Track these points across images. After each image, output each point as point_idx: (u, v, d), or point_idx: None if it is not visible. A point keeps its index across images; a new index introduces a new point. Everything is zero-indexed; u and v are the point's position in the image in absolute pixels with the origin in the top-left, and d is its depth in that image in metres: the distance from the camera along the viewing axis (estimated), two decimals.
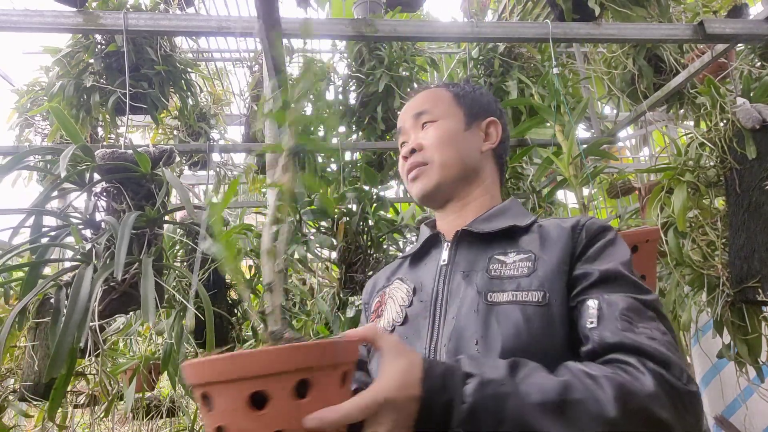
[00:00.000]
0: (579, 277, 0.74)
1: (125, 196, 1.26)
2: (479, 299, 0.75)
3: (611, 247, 0.77)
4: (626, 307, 0.67)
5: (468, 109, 0.93)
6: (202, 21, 1.44)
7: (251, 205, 2.95)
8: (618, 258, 0.75)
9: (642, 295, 0.69)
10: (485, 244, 0.83)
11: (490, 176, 0.94)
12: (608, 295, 0.69)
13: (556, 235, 0.80)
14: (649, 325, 0.66)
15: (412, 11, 2.36)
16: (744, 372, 1.45)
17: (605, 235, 0.79)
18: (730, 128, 1.39)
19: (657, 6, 1.83)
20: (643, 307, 0.68)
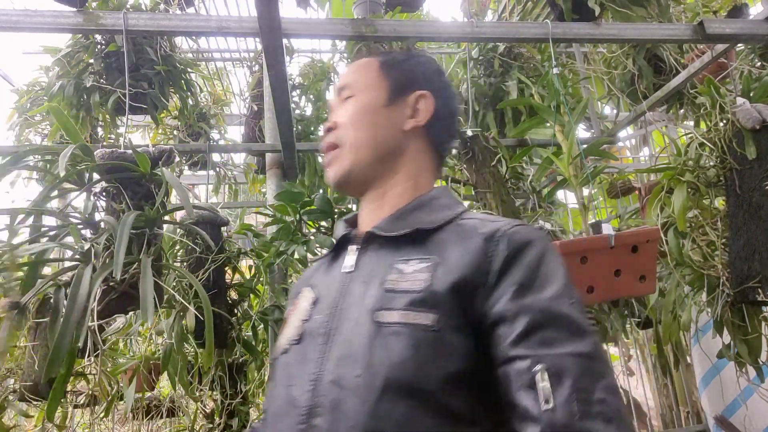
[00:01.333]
0: (503, 315, 0.59)
1: (125, 196, 1.26)
2: (369, 318, 0.63)
3: (543, 266, 0.62)
4: (578, 375, 0.54)
5: (394, 81, 0.80)
6: (202, 21, 1.43)
7: (251, 205, 2.96)
8: (554, 283, 0.61)
9: (586, 343, 0.57)
10: (394, 246, 0.70)
11: (416, 160, 0.79)
12: (556, 359, 0.54)
13: (468, 244, 0.65)
14: (600, 394, 0.53)
15: (412, 11, 2.36)
16: (744, 372, 1.45)
17: (532, 250, 0.63)
18: (730, 128, 1.39)
19: (657, 6, 1.83)
20: (592, 363, 0.55)
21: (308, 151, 2.33)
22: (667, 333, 1.55)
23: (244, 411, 2.13)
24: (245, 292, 1.78)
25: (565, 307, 0.59)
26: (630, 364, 4.65)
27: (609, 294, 1.22)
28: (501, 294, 0.60)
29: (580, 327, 0.58)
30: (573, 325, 0.58)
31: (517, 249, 0.63)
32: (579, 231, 2.18)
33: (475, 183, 1.43)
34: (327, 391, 0.61)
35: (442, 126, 0.82)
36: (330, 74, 2.55)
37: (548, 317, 0.57)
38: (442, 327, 0.60)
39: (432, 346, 0.59)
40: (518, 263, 0.62)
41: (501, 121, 2.33)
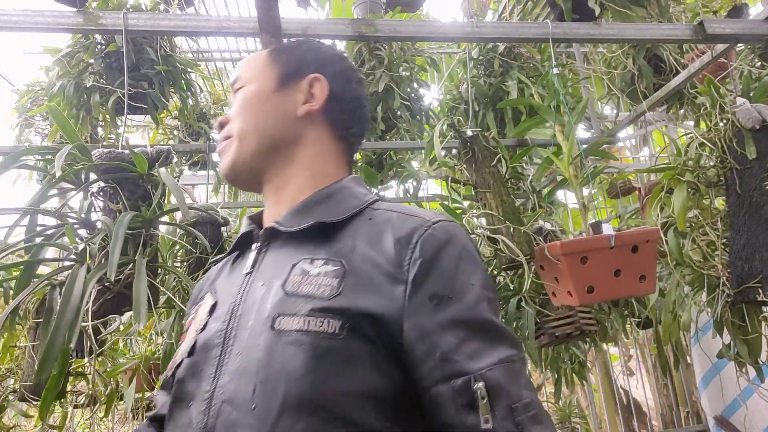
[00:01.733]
0: (424, 332, 0.55)
1: (122, 196, 1.25)
2: (267, 325, 0.56)
3: (460, 270, 0.58)
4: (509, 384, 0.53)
5: (284, 66, 0.74)
6: (202, 21, 1.43)
7: (251, 206, 2.95)
8: (473, 287, 0.57)
9: (507, 346, 0.55)
10: (297, 244, 0.64)
11: (315, 148, 0.72)
12: (488, 372, 0.52)
13: (379, 248, 0.59)
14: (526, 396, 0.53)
15: (412, 11, 2.36)
16: (744, 372, 1.45)
17: (449, 252, 0.59)
18: (730, 128, 1.39)
19: (657, 6, 1.83)
20: (514, 365, 0.55)
21: None
22: (667, 333, 1.55)
23: None
24: None
25: (486, 313, 0.57)
26: (630, 364, 4.65)
27: (609, 294, 1.23)
28: (419, 310, 0.55)
29: (501, 331, 0.57)
30: (495, 330, 0.56)
31: (432, 255, 0.58)
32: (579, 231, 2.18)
33: (475, 183, 1.43)
34: (220, 411, 0.54)
35: (343, 110, 0.75)
36: None
37: (473, 328, 0.55)
38: (349, 335, 0.54)
39: (337, 355, 0.53)
40: (435, 271, 0.57)
41: (501, 121, 2.33)
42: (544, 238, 1.43)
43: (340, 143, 0.75)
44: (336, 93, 0.74)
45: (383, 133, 2.36)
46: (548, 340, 1.66)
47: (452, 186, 1.62)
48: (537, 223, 1.50)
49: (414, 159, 2.59)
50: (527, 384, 0.55)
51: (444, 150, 1.73)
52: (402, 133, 2.36)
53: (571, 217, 3.01)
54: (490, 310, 0.57)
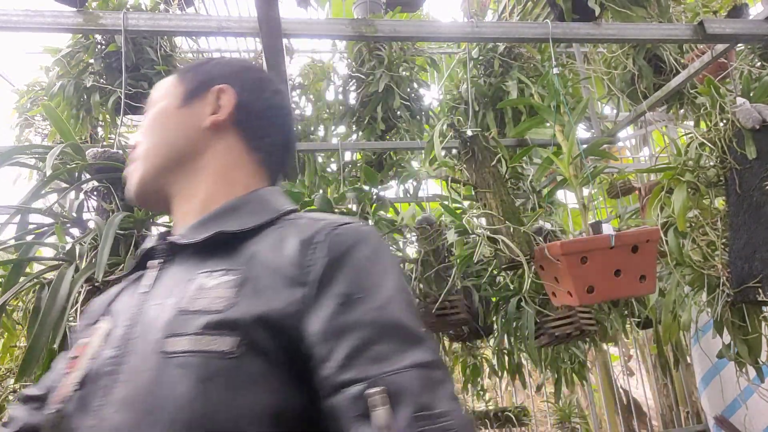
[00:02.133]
0: (326, 336, 0.50)
1: (115, 196, 1.25)
2: (156, 347, 0.51)
3: (371, 270, 0.55)
4: (418, 391, 0.47)
5: (189, 83, 0.72)
6: (202, 21, 1.43)
7: None
8: (384, 288, 0.53)
9: (423, 351, 0.50)
10: (200, 258, 0.60)
11: (225, 158, 0.69)
12: (393, 377, 0.47)
13: (282, 252, 0.56)
14: (442, 406, 0.48)
15: (412, 11, 2.36)
16: (744, 372, 1.45)
17: (359, 252, 0.55)
18: (730, 128, 1.39)
19: (657, 6, 1.83)
20: (431, 372, 0.49)
21: (308, 151, 2.33)
22: (667, 333, 1.55)
23: None
24: None
25: (397, 314, 0.52)
26: (630, 364, 4.65)
27: (609, 294, 1.23)
28: (322, 311, 0.51)
29: (414, 333, 0.52)
30: (407, 332, 0.51)
31: (340, 254, 0.54)
32: (579, 231, 2.18)
33: (475, 183, 1.43)
34: None
35: (255, 120, 0.72)
36: (330, 74, 2.56)
37: (380, 329, 0.50)
38: (244, 353, 0.49)
39: (229, 376, 0.48)
40: (342, 271, 0.53)
41: (501, 121, 2.33)
42: (544, 238, 1.43)
43: (254, 153, 0.72)
44: (246, 102, 0.72)
45: (383, 133, 2.36)
46: (548, 340, 1.66)
47: (452, 186, 1.62)
48: (537, 223, 1.50)
49: (414, 159, 2.59)
50: (447, 395, 0.49)
51: (444, 150, 1.73)
52: (402, 133, 2.37)
53: (571, 217, 3.01)
54: (405, 312, 0.53)
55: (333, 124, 2.47)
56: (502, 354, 2.11)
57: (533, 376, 4.45)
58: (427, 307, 1.65)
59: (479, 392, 2.72)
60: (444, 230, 1.74)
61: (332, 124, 2.47)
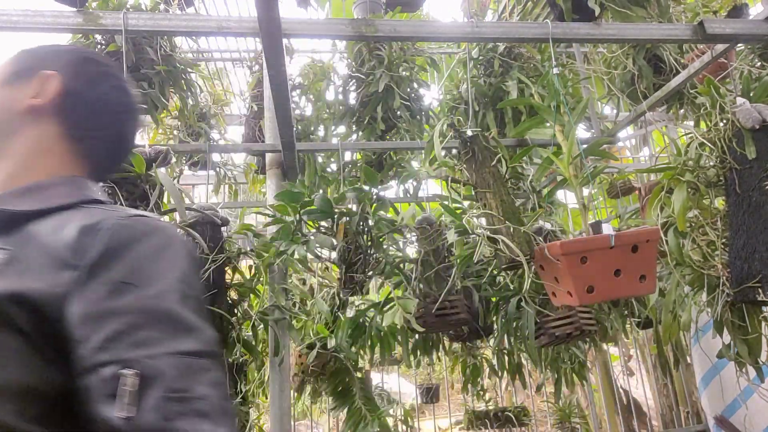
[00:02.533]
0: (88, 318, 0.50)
1: (119, 195, 1.25)
2: None
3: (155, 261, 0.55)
4: (177, 375, 0.48)
5: (19, 63, 0.72)
6: (202, 21, 1.43)
7: (251, 205, 2.95)
8: (165, 278, 0.54)
9: (192, 341, 0.52)
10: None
11: (33, 143, 0.68)
12: (151, 360, 0.48)
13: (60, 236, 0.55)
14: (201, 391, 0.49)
15: (412, 11, 2.36)
16: (744, 372, 1.45)
17: (145, 244, 0.56)
18: (730, 128, 1.39)
19: (657, 6, 1.83)
20: (196, 360, 0.51)
21: (308, 151, 2.33)
22: (667, 333, 1.55)
23: (244, 411, 2.13)
24: (245, 292, 1.78)
25: (170, 304, 0.52)
26: (630, 364, 4.65)
27: (609, 294, 1.23)
28: (90, 295, 0.51)
29: (186, 324, 0.52)
30: (179, 322, 0.52)
31: (121, 243, 0.54)
32: (579, 231, 2.18)
33: (475, 183, 1.43)
34: None
35: (83, 111, 0.72)
36: (330, 74, 2.56)
37: (148, 317, 0.51)
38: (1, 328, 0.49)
39: None
40: (120, 259, 0.53)
41: (501, 121, 2.34)
42: (544, 238, 1.43)
43: (74, 143, 0.71)
44: (72, 91, 0.71)
45: (383, 133, 2.36)
46: (548, 340, 1.66)
47: (452, 186, 1.62)
48: (537, 223, 1.50)
49: (414, 159, 2.59)
50: (208, 382, 0.50)
51: (444, 150, 1.73)
52: (402, 133, 2.36)
53: (571, 217, 3.01)
54: (180, 304, 0.53)
55: (333, 124, 2.47)
56: (502, 354, 2.11)
57: (533, 376, 4.45)
58: (427, 307, 1.66)
59: (479, 392, 2.72)
60: (444, 230, 1.74)
61: (332, 124, 2.47)
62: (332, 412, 2.43)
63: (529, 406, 3.14)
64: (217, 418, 0.49)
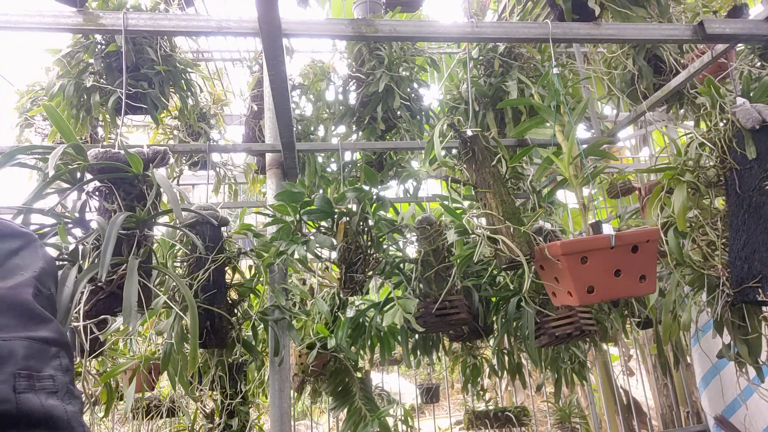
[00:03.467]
0: None
1: (117, 196, 1.25)
2: None
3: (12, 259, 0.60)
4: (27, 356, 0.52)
5: None
6: (202, 21, 1.43)
7: (251, 205, 2.95)
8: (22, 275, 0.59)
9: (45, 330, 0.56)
10: None
11: None
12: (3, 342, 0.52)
13: None
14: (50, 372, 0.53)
15: (412, 11, 2.36)
16: (744, 372, 1.45)
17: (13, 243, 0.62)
18: (730, 128, 1.39)
19: (657, 6, 1.83)
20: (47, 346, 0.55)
21: (308, 151, 2.33)
22: (667, 333, 1.55)
23: (244, 411, 2.13)
24: (245, 292, 1.78)
25: (26, 296, 0.57)
26: (630, 364, 4.65)
27: (609, 294, 1.22)
28: None
29: (39, 315, 0.57)
30: (32, 312, 0.56)
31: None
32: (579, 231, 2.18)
33: (475, 183, 1.42)
34: None
35: None
36: (330, 74, 2.56)
37: (5, 305, 0.55)
38: None
39: None
40: None
41: (501, 121, 2.33)
42: (544, 238, 1.43)
43: None
44: None
45: (383, 133, 2.36)
46: (548, 340, 1.66)
47: (452, 186, 1.62)
48: (537, 223, 1.50)
49: (414, 159, 2.59)
50: (58, 366, 0.55)
51: (444, 150, 1.73)
52: (402, 133, 2.37)
53: (571, 217, 3.01)
54: (35, 299, 0.58)
55: (333, 124, 2.47)
56: (502, 354, 2.11)
57: (533, 376, 4.45)
58: (427, 307, 1.65)
59: (479, 392, 2.72)
60: (444, 230, 1.74)
61: (332, 124, 2.47)
62: (332, 412, 2.43)
63: (529, 406, 3.14)
64: (64, 397, 0.54)
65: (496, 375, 2.18)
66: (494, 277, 1.93)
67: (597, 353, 3.03)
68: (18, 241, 0.62)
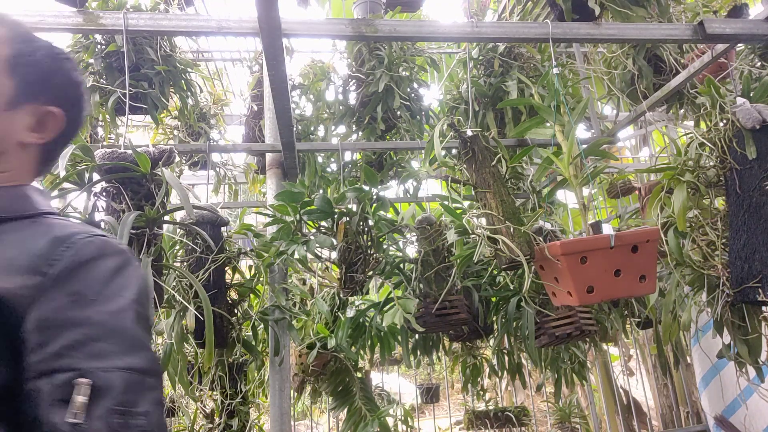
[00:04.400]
0: (49, 324, 0.52)
1: (125, 196, 1.26)
2: None
3: (114, 280, 0.58)
4: (125, 389, 0.51)
5: (22, 84, 0.66)
6: (202, 21, 1.43)
7: (251, 205, 2.95)
8: (122, 298, 0.57)
9: (141, 358, 0.55)
10: None
11: (18, 171, 0.67)
12: (104, 373, 0.51)
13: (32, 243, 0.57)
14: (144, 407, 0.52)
15: (412, 11, 2.36)
16: (744, 372, 1.45)
17: (106, 263, 0.59)
18: (730, 128, 1.39)
19: (657, 6, 1.83)
20: (143, 377, 0.54)
21: (308, 151, 2.33)
22: (667, 333, 1.55)
23: (244, 411, 2.13)
24: (245, 292, 1.78)
25: (126, 322, 0.56)
26: (630, 364, 4.65)
27: (609, 294, 1.22)
28: (52, 302, 0.53)
29: (138, 341, 0.56)
30: (132, 339, 0.55)
31: (86, 259, 0.57)
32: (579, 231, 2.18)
33: (475, 183, 1.42)
34: None
35: (62, 143, 0.73)
36: (330, 74, 2.56)
37: (105, 331, 0.54)
38: None
39: None
40: (83, 273, 0.56)
41: (501, 121, 2.33)
42: (544, 238, 1.43)
43: (41, 166, 0.72)
44: (66, 132, 0.71)
45: (383, 133, 2.36)
46: (548, 340, 1.66)
47: (452, 186, 1.62)
48: (537, 223, 1.50)
49: (414, 159, 2.59)
50: (153, 400, 0.54)
51: (444, 150, 1.73)
52: (402, 133, 2.36)
53: (571, 217, 3.01)
54: (134, 323, 0.57)
55: (333, 124, 2.47)
56: (502, 354, 2.11)
57: (533, 376, 4.45)
58: (427, 307, 1.65)
59: (479, 392, 2.72)
60: (444, 230, 1.74)
61: (332, 124, 2.47)
62: (332, 412, 2.43)
63: (529, 406, 3.14)
64: None
65: (496, 375, 2.18)
66: (494, 277, 1.92)
67: (597, 353, 3.03)
68: (118, 258, 0.60)
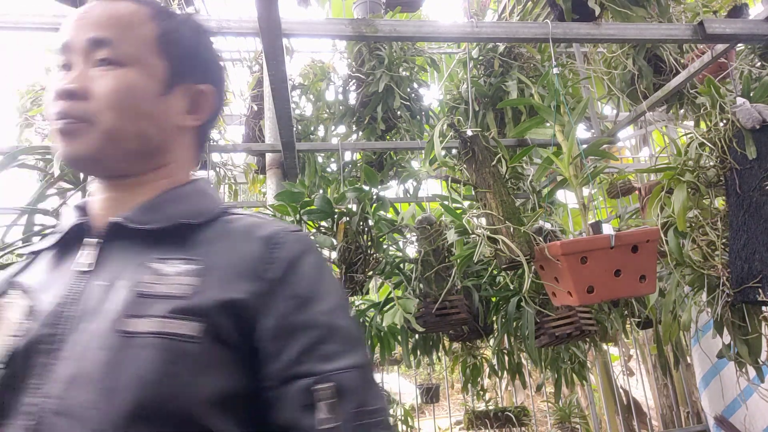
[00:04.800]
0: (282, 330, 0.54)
1: None
2: (111, 327, 0.52)
3: (321, 277, 0.60)
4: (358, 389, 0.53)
5: (174, 65, 0.65)
6: (201, 21, 1.43)
7: (251, 205, 2.95)
8: (332, 294, 0.59)
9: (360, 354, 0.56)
10: (147, 243, 0.59)
11: (182, 157, 0.69)
12: (338, 375, 0.53)
13: (243, 247, 0.59)
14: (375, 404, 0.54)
15: (412, 11, 2.36)
16: (744, 372, 1.45)
17: (310, 258, 0.60)
18: (730, 128, 1.39)
19: (657, 6, 1.83)
20: (366, 373, 0.56)
21: (308, 151, 2.33)
22: (667, 333, 1.55)
23: None
24: None
25: (343, 319, 0.58)
26: (630, 364, 4.65)
27: (609, 294, 1.22)
28: (278, 308, 0.55)
29: (355, 338, 0.58)
30: (350, 336, 0.57)
31: (297, 256, 0.59)
32: (579, 231, 2.18)
33: (475, 183, 1.42)
34: (50, 425, 0.48)
35: (214, 122, 0.74)
36: (330, 74, 2.56)
37: (328, 331, 0.56)
38: (208, 338, 0.52)
39: (194, 360, 0.51)
40: (297, 273, 0.58)
41: (501, 121, 2.33)
42: (544, 238, 1.43)
43: (198, 148, 0.73)
44: (217, 110, 0.72)
45: (383, 133, 2.36)
46: (548, 340, 1.66)
47: (452, 186, 1.62)
48: (537, 223, 1.50)
49: (414, 159, 2.59)
50: (378, 393, 0.56)
51: (444, 150, 1.73)
52: (402, 133, 2.37)
53: (571, 217, 3.01)
54: (347, 318, 0.59)
55: (333, 124, 2.47)
56: (502, 354, 2.11)
57: (533, 376, 4.45)
58: (427, 307, 1.65)
59: (479, 392, 2.72)
60: (444, 230, 1.74)
61: (332, 124, 2.48)
62: None
63: (529, 406, 3.14)
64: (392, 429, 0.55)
65: (496, 375, 2.18)
66: (494, 277, 1.92)
67: (597, 353, 3.03)
68: (315, 251, 0.61)
